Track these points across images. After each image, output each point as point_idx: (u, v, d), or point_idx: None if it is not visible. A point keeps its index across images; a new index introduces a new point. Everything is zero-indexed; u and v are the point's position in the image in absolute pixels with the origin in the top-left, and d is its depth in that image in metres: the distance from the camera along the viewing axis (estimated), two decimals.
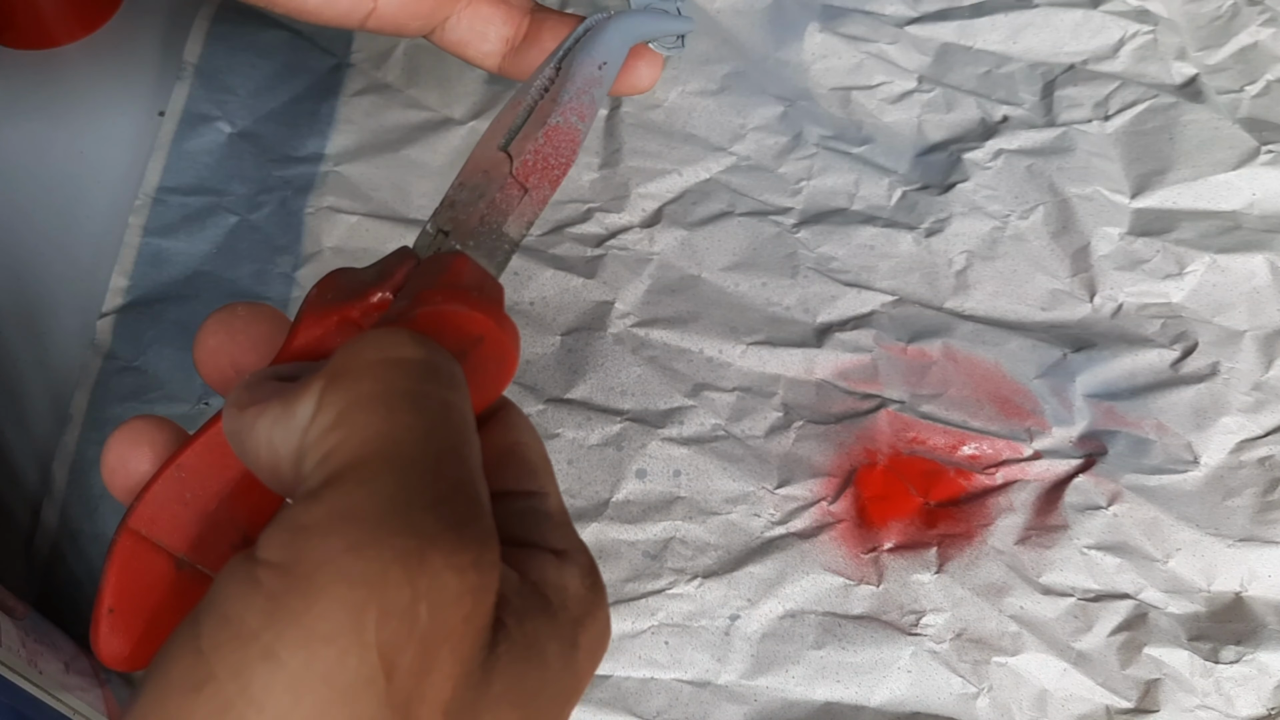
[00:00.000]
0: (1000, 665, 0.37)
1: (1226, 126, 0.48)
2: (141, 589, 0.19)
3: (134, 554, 0.19)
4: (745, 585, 0.38)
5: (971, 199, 0.46)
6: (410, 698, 0.14)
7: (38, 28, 0.48)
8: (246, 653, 0.14)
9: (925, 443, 0.41)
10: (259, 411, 0.17)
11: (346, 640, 0.14)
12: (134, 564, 0.19)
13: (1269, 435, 0.42)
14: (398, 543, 0.14)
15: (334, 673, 0.14)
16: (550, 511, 0.19)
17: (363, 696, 0.14)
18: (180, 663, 0.14)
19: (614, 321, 0.43)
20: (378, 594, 0.14)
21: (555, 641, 0.16)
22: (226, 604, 0.15)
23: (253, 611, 0.14)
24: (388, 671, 0.14)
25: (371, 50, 0.48)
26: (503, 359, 0.19)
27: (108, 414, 0.39)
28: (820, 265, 0.45)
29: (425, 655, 0.14)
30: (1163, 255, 0.45)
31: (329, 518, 0.15)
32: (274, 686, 0.14)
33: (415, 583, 0.14)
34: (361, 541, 0.14)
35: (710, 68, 0.49)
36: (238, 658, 0.14)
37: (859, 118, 0.49)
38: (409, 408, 0.16)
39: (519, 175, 0.22)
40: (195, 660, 0.14)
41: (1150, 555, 0.39)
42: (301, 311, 0.20)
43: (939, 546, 0.39)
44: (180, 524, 0.20)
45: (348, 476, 0.15)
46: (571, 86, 0.23)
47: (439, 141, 0.46)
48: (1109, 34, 0.51)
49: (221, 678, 0.14)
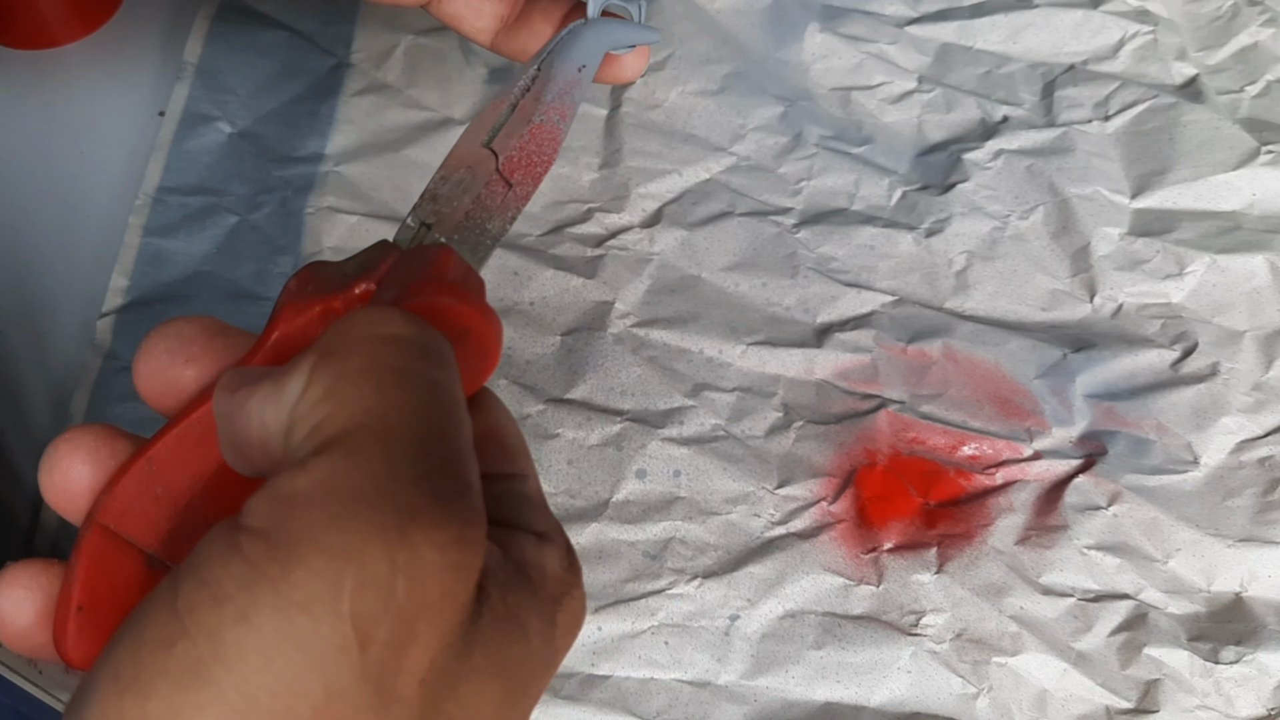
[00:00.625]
0: (1000, 665, 0.37)
1: (1226, 127, 0.48)
2: (111, 587, 0.19)
3: (103, 550, 0.19)
4: (745, 585, 0.38)
5: (971, 199, 0.47)
6: (385, 668, 0.14)
7: (38, 28, 0.48)
8: (221, 614, 0.14)
9: (925, 443, 0.41)
10: (250, 392, 0.17)
11: (321, 609, 0.14)
12: (103, 561, 0.19)
13: (1269, 435, 0.42)
14: (378, 517, 0.15)
15: (307, 640, 0.14)
16: (529, 494, 0.19)
17: (335, 664, 0.14)
18: (155, 620, 0.15)
19: (614, 321, 0.43)
20: (355, 566, 0.14)
21: (536, 617, 0.17)
22: (205, 567, 0.15)
23: (231, 575, 0.14)
24: (362, 642, 0.14)
25: (371, 50, 0.48)
26: (486, 351, 0.19)
27: (108, 414, 0.39)
28: (820, 265, 0.45)
29: (402, 627, 0.14)
30: (1163, 255, 0.45)
31: (313, 488, 0.15)
32: (246, 648, 0.14)
33: (394, 557, 0.14)
34: (343, 514, 0.15)
35: (710, 68, 0.49)
36: (213, 619, 0.14)
37: (859, 118, 0.49)
38: (399, 384, 0.16)
39: (504, 171, 0.22)
40: (170, 618, 0.14)
41: (1150, 555, 0.39)
42: (281, 302, 0.20)
43: (939, 547, 0.39)
44: (151, 519, 0.19)
45: (335, 449, 0.15)
46: (553, 87, 0.24)
47: (439, 141, 0.46)
48: (1109, 34, 0.51)
49: (195, 637, 0.14)
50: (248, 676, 0.14)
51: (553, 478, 0.40)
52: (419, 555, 0.15)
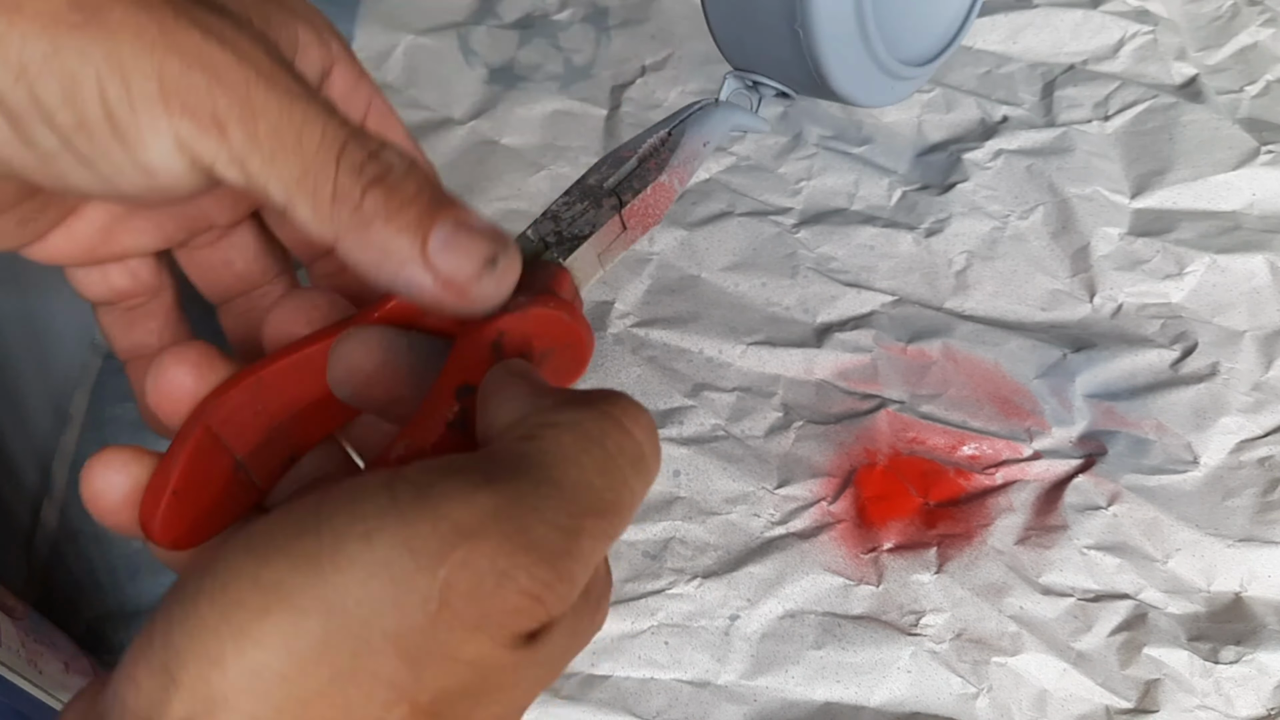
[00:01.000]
0: (1000, 665, 0.37)
1: (1226, 126, 0.48)
2: (203, 480, 0.21)
3: (203, 447, 0.21)
4: (745, 585, 0.38)
5: (971, 199, 0.47)
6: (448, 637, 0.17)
7: None
8: (352, 529, 0.17)
9: (925, 443, 0.41)
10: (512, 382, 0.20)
11: (425, 560, 0.16)
12: (201, 455, 0.21)
13: (1269, 435, 0.42)
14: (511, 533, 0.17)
15: (403, 578, 0.16)
16: None
17: (412, 609, 0.16)
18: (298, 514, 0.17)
19: (614, 321, 0.43)
20: (468, 549, 0.17)
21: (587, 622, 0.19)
22: (358, 491, 0.17)
23: (374, 504, 0.17)
24: (440, 604, 0.16)
25: (371, 50, 0.48)
26: (581, 361, 0.22)
27: (108, 414, 0.39)
28: (820, 265, 0.45)
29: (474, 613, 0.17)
30: (1163, 255, 0.45)
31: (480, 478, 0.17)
32: (357, 561, 0.16)
33: (499, 564, 0.17)
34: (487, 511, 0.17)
35: (710, 68, 0.49)
36: (344, 528, 0.17)
37: (859, 118, 0.49)
38: (608, 470, 0.18)
39: (624, 217, 0.25)
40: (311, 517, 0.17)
41: (1150, 555, 0.39)
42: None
43: (939, 546, 0.39)
44: (247, 431, 0.22)
45: (530, 468, 0.18)
46: (680, 154, 0.27)
47: (439, 141, 0.46)
48: (1109, 34, 0.51)
49: (323, 535, 0.17)
50: (348, 582, 0.16)
51: None
52: (515, 576, 0.17)
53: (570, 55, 0.50)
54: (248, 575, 0.17)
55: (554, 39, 0.51)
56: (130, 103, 0.18)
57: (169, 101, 0.18)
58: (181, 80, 0.18)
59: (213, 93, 0.18)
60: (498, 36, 0.50)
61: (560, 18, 0.51)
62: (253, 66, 0.19)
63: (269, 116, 0.19)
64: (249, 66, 0.19)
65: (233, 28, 0.19)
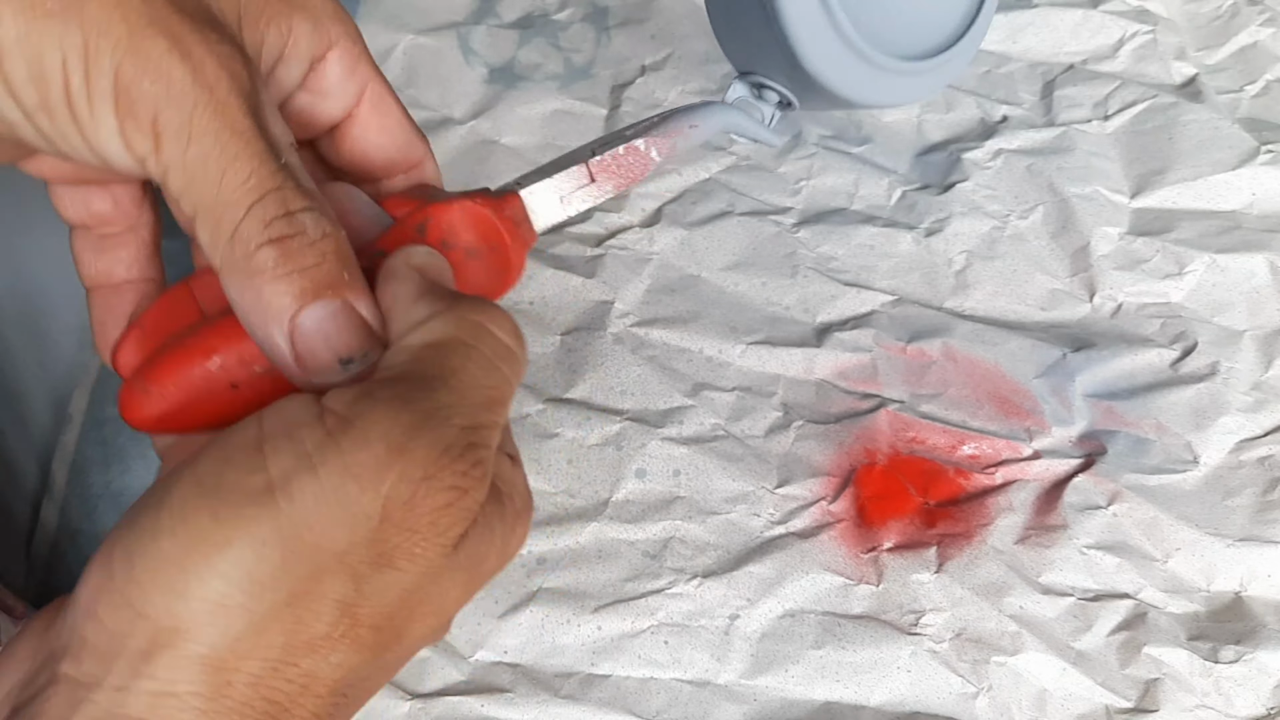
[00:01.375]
0: (1000, 665, 0.37)
1: (1226, 126, 0.48)
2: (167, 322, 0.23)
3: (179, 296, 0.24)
4: (745, 585, 0.38)
5: (971, 199, 0.47)
6: (393, 544, 0.19)
7: None
8: (298, 463, 0.18)
9: (925, 442, 0.41)
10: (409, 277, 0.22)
11: (368, 481, 0.18)
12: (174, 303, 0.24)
13: (1268, 435, 0.42)
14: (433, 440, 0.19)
15: (349, 500, 0.18)
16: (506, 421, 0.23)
17: (360, 525, 0.18)
18: (240, 452, 0.19)
19: (614, 321, 0.43)
20: (402, 465, 0.18)
21: (501, 525, 0.21)
22: (294, 428, 0.19)
23: (312, 438, 0.19)
24: (383, 517, 0.18)
25: (371, 50, 0.48)
26: (505, 270, 0.24)
27: (107, 414, 0.39)
28: (820, 265, 0.45)
29: (412, 519, 0.19)
30: (1162, 255, 0.45)
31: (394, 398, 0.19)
32: (306, 491, 0.18)
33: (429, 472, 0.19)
34: (410, 426, 0.19)
35: (710, 68, 0.49)
36: (290, 463, 0.18)
37: (859, 117, 0.49)
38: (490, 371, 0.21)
39: (591, 166, 0.26)
40: (255, 455, 0.19)
41: (1150, 555, 0.39)
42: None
43: (939, 546, 0.39)
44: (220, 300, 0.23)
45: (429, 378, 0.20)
46: (662, 127, 0.27)
47: (439, 141, 0.46)
48: (1109, 34, 0.51)
49: (271, 471, 0.18)
50: (299, 511, 0.18)
51: (552, 477, 0.40)
52: (441, 476, 0.19)
53: (570, 55, 0.50)
54: (205, 511, 0.18)
55: (554, 39, 0.51)
56: (88, 93, 0.19)
57: (119, 100, 0.19)
58: (133, 85, 0.19)
59: (158, 104, 0.19)
60: (498, 36, 0.50)
61: (560, 17, 0.51)
62: (207, 90, 0.20)
63: (202, 143, 0.20)
64: (203, 89, 0.20)
65: (203, 44, 0.20)
